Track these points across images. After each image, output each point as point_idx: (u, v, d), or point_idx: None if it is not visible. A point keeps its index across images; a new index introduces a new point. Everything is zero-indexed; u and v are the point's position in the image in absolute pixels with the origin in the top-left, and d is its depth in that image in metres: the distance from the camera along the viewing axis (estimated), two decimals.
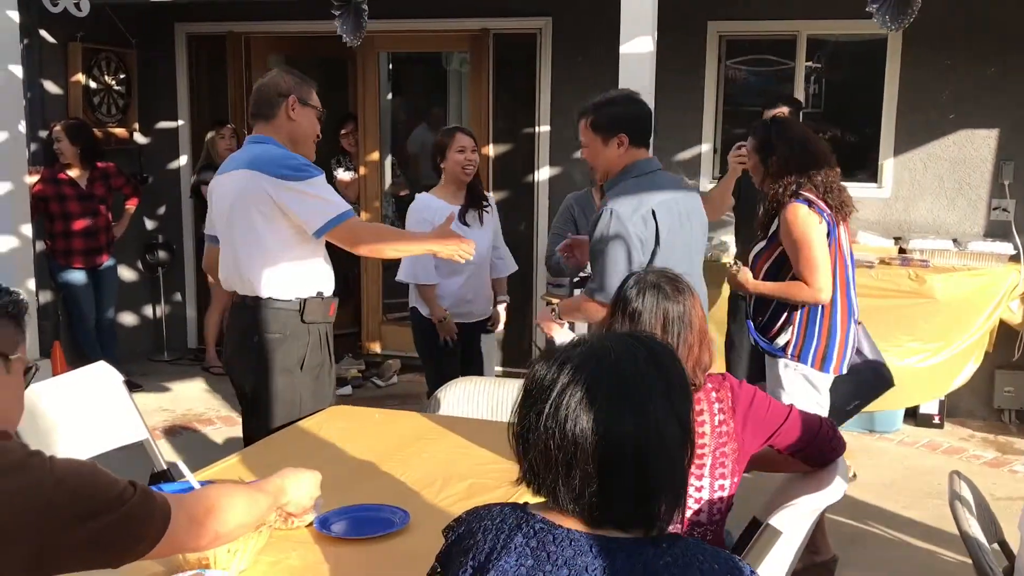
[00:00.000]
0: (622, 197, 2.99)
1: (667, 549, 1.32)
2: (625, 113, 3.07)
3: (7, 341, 1.56)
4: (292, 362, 2.94)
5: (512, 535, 1.36)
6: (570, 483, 1.32)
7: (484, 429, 2.81)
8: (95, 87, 6.27)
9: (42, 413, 2.80)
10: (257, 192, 2.86)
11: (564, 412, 1.32)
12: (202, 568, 1.77)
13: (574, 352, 1.39)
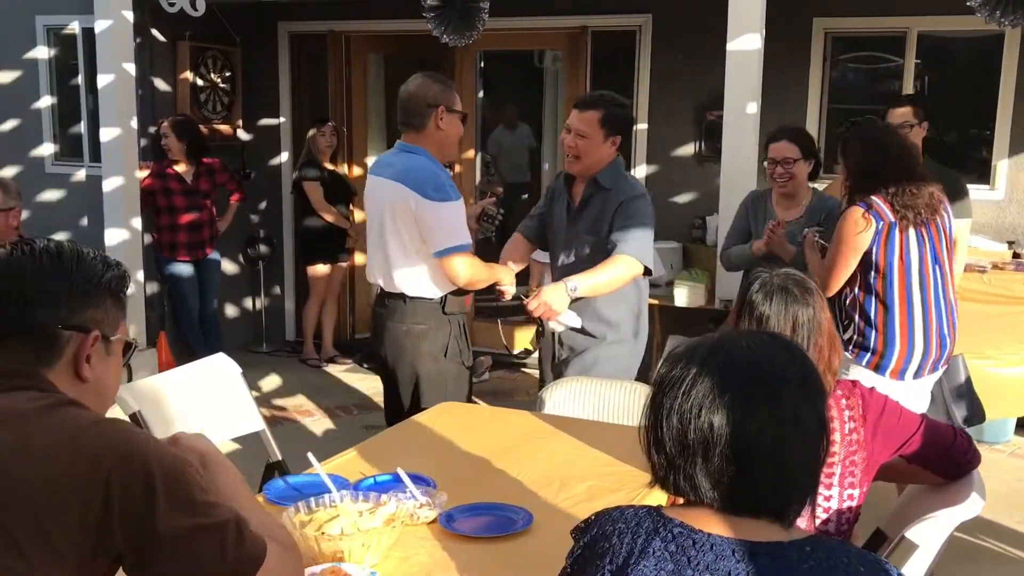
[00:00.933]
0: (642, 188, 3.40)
1: (811, 552, 1.31)
2: (627, 117, 3.41)
3: (109, 320, 1.52)
4: (437, 350, 3.25)
5: (650, 539, 1.35)
6: (708, 468, 1.33)
7: (597, 430, 2.80)
8: (202, 84, 6.45)
9: (167, 401, 2.89)
10: (405, 205, 3.13)
11: (698, 400, 1.33)
12: (337, 561, 1.80)
13: (703, 344, 1.42)
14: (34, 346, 1.45)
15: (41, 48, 6.52)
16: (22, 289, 1.44)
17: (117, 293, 1.53)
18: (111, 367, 1.52)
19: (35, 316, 1.44)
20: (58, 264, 1.47)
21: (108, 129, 5.71)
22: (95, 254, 1.52)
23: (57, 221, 6.45)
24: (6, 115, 6.69)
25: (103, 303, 1.50)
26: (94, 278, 1.49)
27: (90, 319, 1.48)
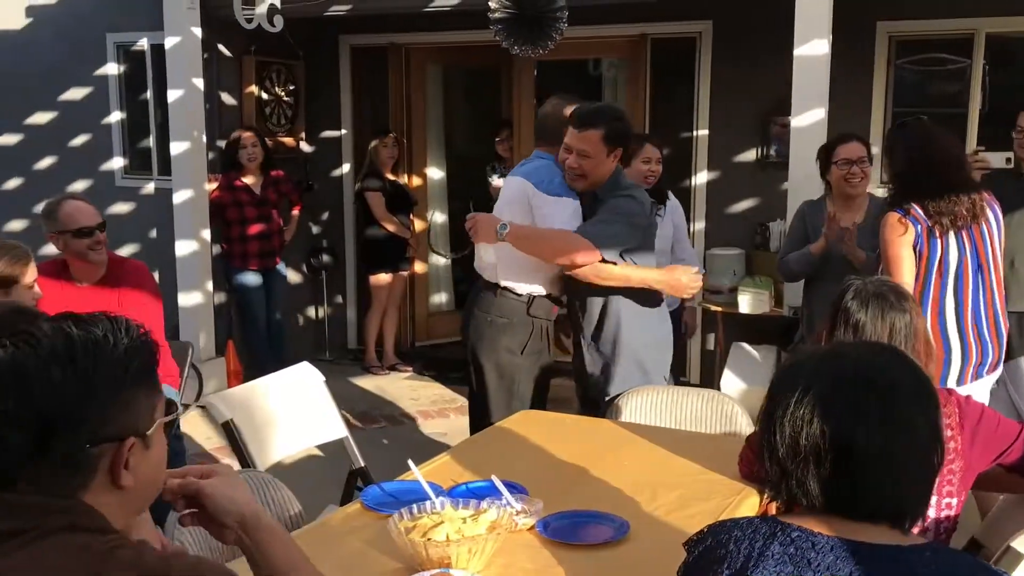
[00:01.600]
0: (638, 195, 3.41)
1: (931, 558, 1.32)
2: (626, 129, 3.40)
3: (144, 414, 1.27)
4: (516, 345, 3.45)
5: (768, 543, 1.37)
6: (820, 473, 1.35)
7: (681, 438, 2.81)
8: (266, 98, 6.57)
9: (259, 408, 2.96)
10: (522, 197, 3.35)
11: (811, 407, 1.36)
12: (444, 567, 1.84)
13: (815, 354, 1.46)
14: (58, 475, 1.20)
15: (111, 65, 6.69)
16: (31, 411, 1.18)
17: (148, 375, 1.29)
18: (153, 456, 1.28)
19: (53, 443, 1.19)
20: (71, 372, 1.19)
21: (178, 143, 5.85)
22: (114, 337, 1.25)
23: (127, 234, 6.62)
24: (78, 130, 6.87)
25: (135, 399, 1.25)
26: (119, 376, 1.23)
27: (123, 425, 1.24)
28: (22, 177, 7.11)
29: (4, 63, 7.01)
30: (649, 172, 4.23)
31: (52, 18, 6.82)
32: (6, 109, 7.05)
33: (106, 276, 3.68)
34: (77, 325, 1.24)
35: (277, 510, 2.43)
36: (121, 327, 1.27)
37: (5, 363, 1.20)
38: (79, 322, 1.25)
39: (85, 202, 3.64)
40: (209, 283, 6.06)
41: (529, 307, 3.45)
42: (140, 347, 1.27)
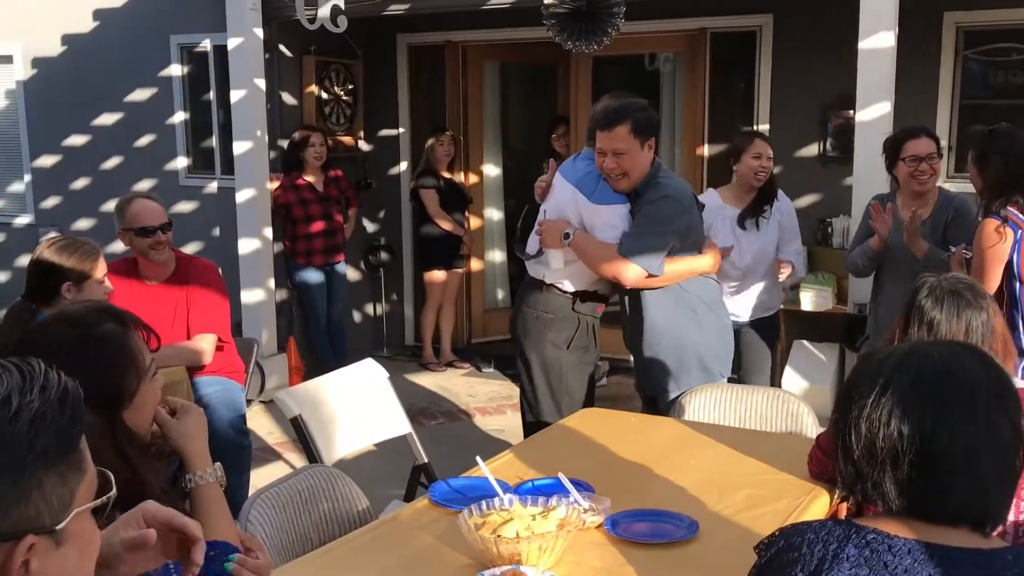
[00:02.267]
0: (675, 187, 3.35)
1: (1013, 561, 1.29)
2: (653, 117, 3.37)
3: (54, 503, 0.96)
4: (561, 340, 3.49)
5: (843, 546, 1.35)
6: (896, 476, 1.32)
7: (747, 437, 2.79)
8: (326, 97, 6.65)
9: (324, 403, 3.00)
10: (573, 205, 3.39)
11: (889, 407, 1.33)
12: (515, 564, 1.85)
13: (894, 353, 1.42)
14: None
15: (175, 66, 6.82)
16: None
17: (66, 449, 0.98)
18: (68, 554, 0.98)
19: None
20: None
21: (240, 143, 5.94)
22: (19, 400, 0.94)
23: (190, 232, 6.75)
24: (143, 131, 7.02)
25: (40, 486, 0.95)
26: (18, 460, 0.93)
27: (18, 520, 0.94)
28: (90, 177, 7.30)
29: (73, 66, 7.19)
30: (760, 168, 4.16)
31: (118, 20, 6.97)
32: (75, 111, 7.23)
33: (175, 274, 3.77)
34: None
35: (344, 505, 2.46)
36: (34, 384, 0.96)
37: None
38: None
39: (155, 202, 3.73)
40: (271, 280, 6.16)
41: (574, 303, 3.48)
42: (56, 412, 0.96)
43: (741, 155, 4.17)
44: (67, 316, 1.66)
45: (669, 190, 3.31)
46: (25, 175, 7.56)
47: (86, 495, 1.01)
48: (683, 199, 3.34)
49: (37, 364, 1.00)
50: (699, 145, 6.21)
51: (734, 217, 4.20)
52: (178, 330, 3.72)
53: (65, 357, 1.39)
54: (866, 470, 1.36)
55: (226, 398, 3.74)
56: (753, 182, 4.17)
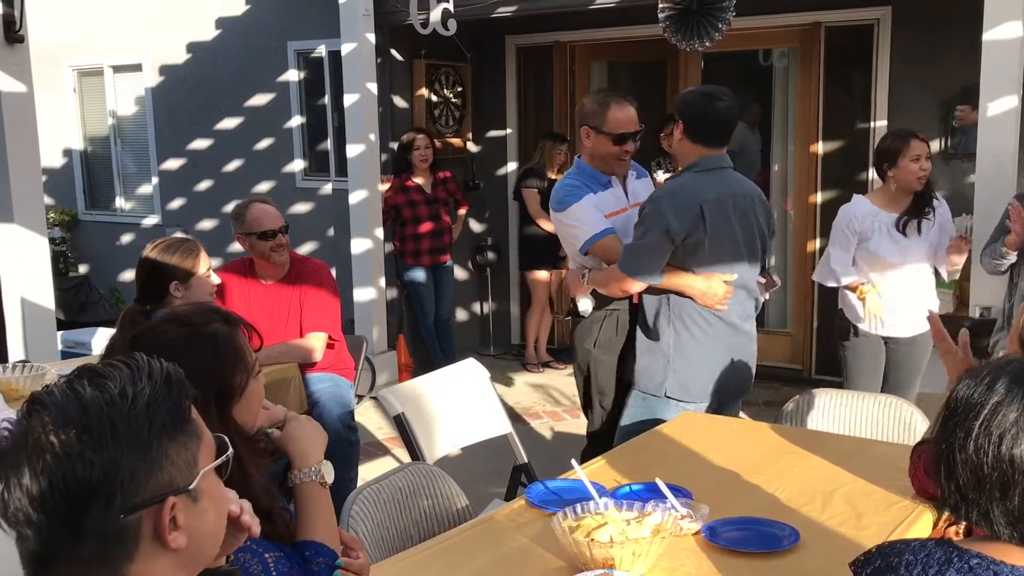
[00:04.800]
0: (676, 190, 3.13)
1: None
2: (684, 103, 3.19)
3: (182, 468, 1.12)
4: (589, 339, 3.42)
5: (943, 570, 1.29)
6: (1006, 506, 1.25)
7: (853, 446, 2.71)
8: (435, 100, 6.76)
9: (427, 402, 3.06)
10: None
11: (999, 431, 1.26)
12: (608, 568, 1.84)
13: (1005, 368, 1.33)
14: (98, 551, 1.08)
15: (292, 72, 7.06)
16: (52, 491, 1.05)
17: (179, 422, 1.13)
18: (207, 507, 1.15)
19: (85, 522, 1.07)
20: (90, 444, 1.05)
21: (353, 145, 6.10)
22: (132, 389, 1.10)
23: (306, 232, 6.97)
24: (262, 134, 7.29)
25: (166, 455, 1.11)
26: (141, 434, 1.09)
27: (158, 485, 1.10)
28: (212, 179, 7.62)
29: (197, 73, 7.52)
30: (921, 171, 3.88)
31: (239, 28, 7.26)
32: (199, 116, 7.56)
33: (288, 274, 3.90)
34: (91, 383, 1.09)
35: (444, 503, 2.51)
36: (142, 374, 1.12)
37: (21, 437, 1.07)
38: (93, 378, 1.10)
39: (270, 205, 3.87)
40: (382, 279, 6.30)
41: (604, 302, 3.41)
42: (166, 392, 1.12)
43: (897, 159, 3.87)
44: (177, 317, 1.75)
45: (663, 191, 3.19)
46: (153, 178, 7.95)
47: (208, 457, 1.17)
48: (675, 198, 3.06)
49: (140, 357, 1.16)
50: (813, 143, 6.04)
51: (891, 223, 3.94)
52: (292, 328, 3.84)
53: (176, 356, 1.48)
54: (971, 496, 1.30)
55: (335, 394, 3.85)
56: (915, 186, 3.89)
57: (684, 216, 3.00)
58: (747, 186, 3.26)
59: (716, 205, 3.06)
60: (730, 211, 3.10)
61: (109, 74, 8.00)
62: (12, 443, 1.08)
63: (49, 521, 1.07)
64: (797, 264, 6.25)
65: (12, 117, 4.18)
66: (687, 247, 3.04)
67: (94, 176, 8.43)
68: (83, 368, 1.14)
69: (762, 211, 3.26)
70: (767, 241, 3.31)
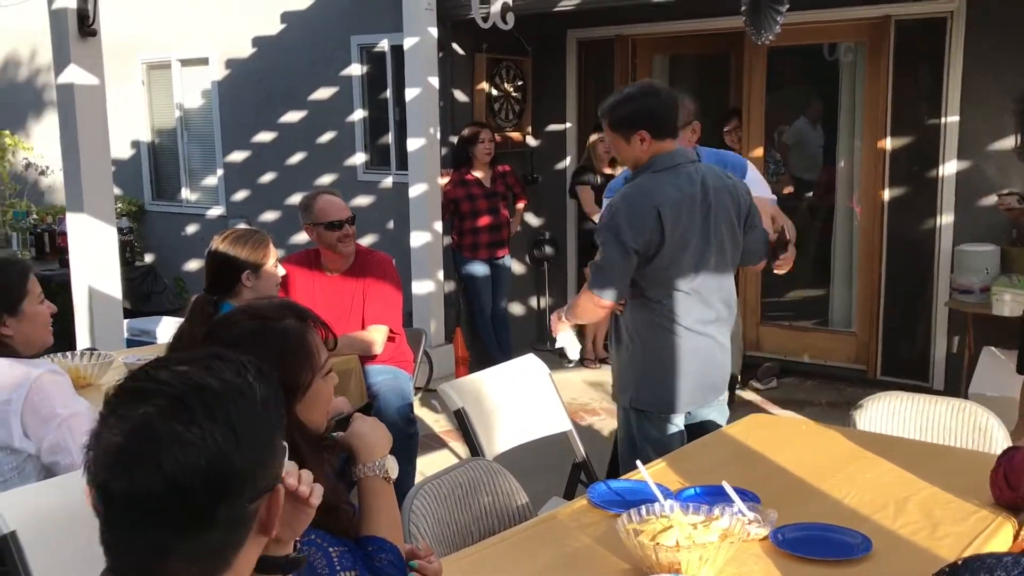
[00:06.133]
0: (631, 194, 2.90)
1: None
2: (642, 108, 2.92)
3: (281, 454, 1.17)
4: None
5: None
6: None
7: (927, 452, 2.64)
8: (496, 94, 6.74)
9: (487, 397, 3.05)
10: None
11: None
12: (674, 573, 1.81)
13: None
14: (218, 540, 1.10)
15: (355, 66, 7.10)
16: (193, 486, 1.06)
17: (281, 416, 1.19)
18: (283, 497, 1.19)
19: (218, 510, 1.09)
20: (228, 428, 1.08)
21: (414, 139, 6.12)
22: (245, 381, 1.13)
23: (367, 225, 7.01)
24: (325, 128, 7.35)
25: (277, 445, 1.17)
26: (262, 424, 1.13)
27: (271, 474, 1.15)
28: (276, 172, 7.71)
29: (263, 67, 7.61)
30: None
31: (302, 22, 7.32)
32: (263, 109, 7.65)
33: (353, 266, 3.92)
34: (208, 373, 1.11)
35: (504, 500, 2.49)
36: (242, 368, 1.15)
37: (148, 428, 1.06)
38: (202, 369, 1.12)
39: (338, 197, 3.90)
40: (440, 273, 6.31)
41: None
42: (269, 387, 1.16)
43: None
44: (251, 309, 1.75)
45: (618, 198, 2.93)
46: (218, 169, 8.07)
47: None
48: (630, 206, 2.86)
49: (225, 352, 1.18)
50: (881, 139, 5.90)
51: None
52: (354, 320, 3.87)
53: (246, 348, 1.50)
54: None
55: (395, 387, 3.86)
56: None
57: (640, 225, 2.81)
58: (719, 179, 2.99)
59: (675, 207, 2.84)
60: (696, 210, 2.89)
61: (177, 67, 8.13)
62: (137, 433, 1.06)
63: (184, 512, 1.07)
64: (863, 262, 6.12)
65: (85, 109, 4.26)
66: (646, 256, 2.85)
67: (161, 167, 8.59)
68: (168, 359, 1.16)
69: (735, 202, 3.01)
70: (739, 234, 3.04)
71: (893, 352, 5.94)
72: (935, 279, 5.73)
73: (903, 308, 5.91)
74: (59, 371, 2.55)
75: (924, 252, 5.74)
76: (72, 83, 4.22)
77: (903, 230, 5.86)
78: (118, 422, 1.08)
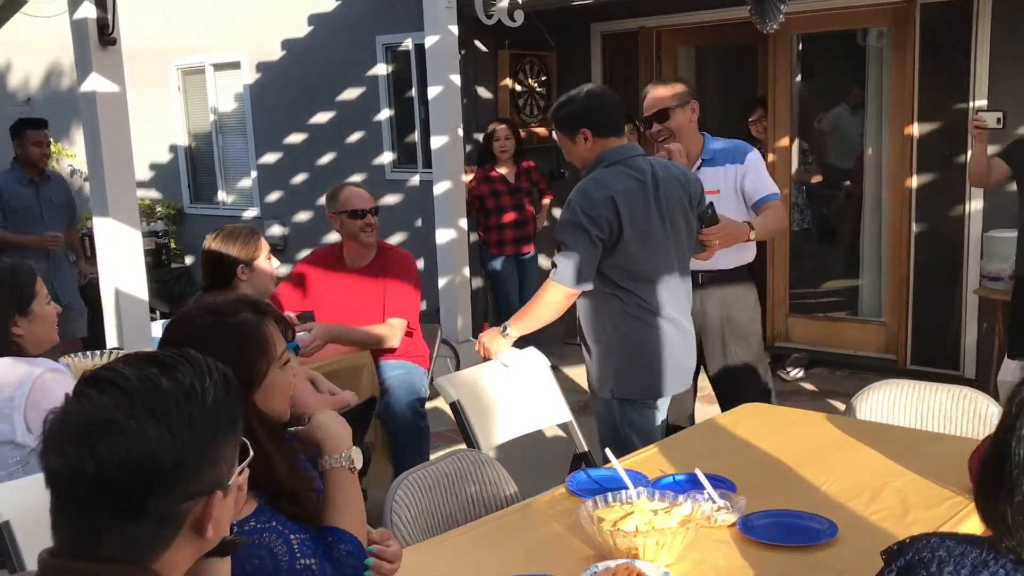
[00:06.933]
0: (585, 187, 2.98)
1: None
2: (582, 109, 3.04)
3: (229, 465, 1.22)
4: None
5: (977, 571, 1.24)
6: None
7: (916, 439, 2.61)
8: (519, 90, 6.77)
9: (484, 389, 3.09)
10: None
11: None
12: (632, 558, 1.84)
13: None
14: (146, 534, 1.15)
15: (381, 65, 7.19)
16: (126, 471, 1.11)
17: (234, 423, 1.23)
18: (230, 503, 1.24)
19: (147, 504, 1.14)
20: (168, 433, 1.13)
21: (437, 137, 6.17)
22: (201, 386, 1.18)
23: (396, 224, 7.10)
24: (353, 128, 7.46)
25: (222, 452, 1.20)
26: (209, 430, 1.18)
27: (211, 480, 1.19)
28: (307, 172, 7.84)
29: (291, 69, 7.75)
30: None
31: (330, 24, 7.43)
32: (294, 111, 7.79)
33: (374, 261, 4.02)
34: (164, 373, 1.17)
35: (492, 489, 2.53)
36: (206, 372, 1.20)
37: (94, 414, 1.13)
38: (164, 368, 1.18)
39: (362, 189, 4.03)
40: (466, 269, 6.36)
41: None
42: (226, 394, 1.21)
43: None
44: (208, 306, 1.82)
45: (574, 193, 3.01)
46: (252, 172, 8.23)
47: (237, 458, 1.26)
48: (585, 198, 2.93)
49: (196, 355, 1.23)
50: (908, 125, 5.80)
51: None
52: (374, 315, 3.95)
53: (204, 342, 1.57)
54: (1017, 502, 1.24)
55: (406, 381, 3.92)
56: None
57: (597, 214, 2.88)
58: (663, 168, 3.08)
59: (628, 196, 2.92)
60: (649, 198, 2.97)
61: (210, 72, 8.31)
62: (83, 416, 1.13)
63: (110, 499, 1.12)
64: (892, 250, 6.03)
65: (107, 117, 4.39)
66: (608, 245, 2.92)
67: (198, 171, 8.79)
68: (144, 355, 1.22)
69: (685, 189, 3.10)
70: (693, 221, 3.15)
71: (923, 341, 5.85)
72: (965, 266, 5.62)
73: (933, 296, 5.81)
74: (60, 368, 2.65)
75: (953, 239, 5.64)
76: (94, 91, 4.35)
77: (932, 217, 5.76)
78: (74, 405, 1.16)
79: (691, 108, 3.65)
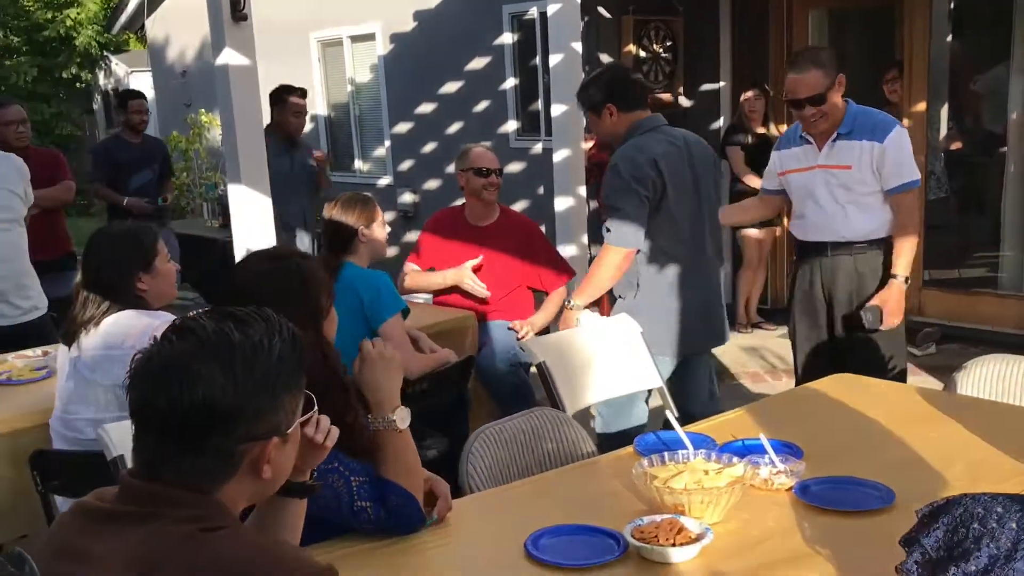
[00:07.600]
0: (626, 152, 3.25)
1: None
2: (607, 86, 3.38)
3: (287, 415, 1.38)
4: None
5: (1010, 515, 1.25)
6: None
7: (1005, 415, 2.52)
8: (644, 56, 6.73)
9: (571, 352, 3.15)
10: None
11: None
12: (678, 513, 1.88)
13: None
14: (207, 468, 1.32)
15: (507, 34, 7.28)
16: (193, 407, 1.27)
17: (297, 378, 1.38)
18: (289, 450, 1.40)
19: (209, 440, 1.30)
20: (231, 375, 1.28)
21: (557, 105, 6.21)
22: (269, 341, 1.33)
23: (519, 191, 7.21)
24: (479, 97, 7.59)
25: (283, 402, 1.35)
26: (272, 381, 1.33)
27: (270, 425, 1.34)
28: (436, 141, 8.05)
29: (422, 39, 7.94)
30: None
31: None
32: (424, 81, 7.99)
33: (496, 222, 4.23)
34: (237, 327, 1.32)
35: (569, 447, 2.60)
36: (276, 330, 1.34)
37: (172, 358, 1.29)
38: (238, 323, 1.33)
39: (489, 150, 4.33)
40: (584, 236, 6.39)
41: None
42: (291, 351, 1.35)
43: None
44: (263, 253, 2.08)
45: (616, 158, 3.31)
46: (385, 141, 8.51)
47: (299, 410, 1.41)
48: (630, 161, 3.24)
49: (273, 316, 1.38)
50: None
51: None
52: (498, 265, 4.17)
53: (267, 283, 1.86)
54: None
55: (506, 339, 4.06)
56: None
57: (644, 174, 3.19)
58: (690, 136, 3.46)
59: (667, 158, 3.25)
60: (684, 162, 3.31)
61: (347, 44, 8.62)
62: (162, 359, 1.31)
63: (179, 433, 1.30)
64: None
65: (239, 89, 4.66)
66: (653, 204, 3.22)
67: (336, 140, 9.15)
68: (225, 311, 1.37)
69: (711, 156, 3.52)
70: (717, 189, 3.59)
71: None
72: None
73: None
74: None
75: None
76: (227, 64, 4.62)
77: None
78: (157, 348, 1.34)
79: (838, 83, 3.56)
